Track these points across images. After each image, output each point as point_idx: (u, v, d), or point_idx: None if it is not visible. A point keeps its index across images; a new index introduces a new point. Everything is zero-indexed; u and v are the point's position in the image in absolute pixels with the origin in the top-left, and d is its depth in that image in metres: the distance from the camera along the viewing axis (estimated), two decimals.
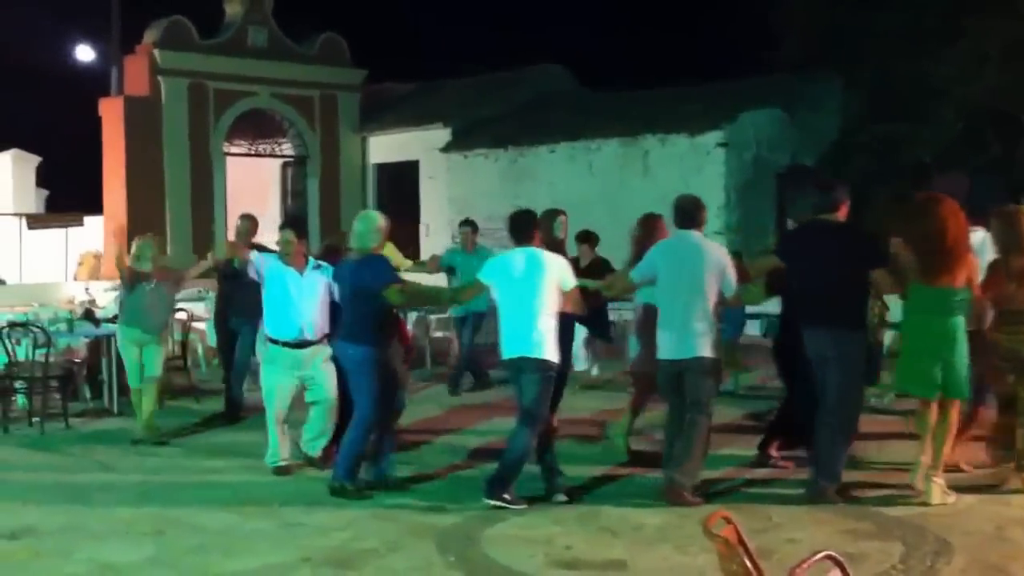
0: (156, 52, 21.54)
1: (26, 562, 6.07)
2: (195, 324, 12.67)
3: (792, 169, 18.40)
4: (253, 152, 24.17)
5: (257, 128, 23.65)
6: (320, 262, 8.11)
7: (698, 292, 6.97)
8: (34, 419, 9.86)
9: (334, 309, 7.90)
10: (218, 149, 22.44)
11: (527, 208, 7.63)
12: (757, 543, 5.02)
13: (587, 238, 10.88)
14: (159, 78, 21.59)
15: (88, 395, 11.19)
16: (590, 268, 9.57)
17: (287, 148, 24.07)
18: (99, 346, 11.14)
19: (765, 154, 18.31)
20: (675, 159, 18.36)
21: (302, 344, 7.86)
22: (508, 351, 7.01)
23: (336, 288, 7.72)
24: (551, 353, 6.91)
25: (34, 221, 23.35)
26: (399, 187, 23.46)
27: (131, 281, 9.31)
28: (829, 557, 3.57)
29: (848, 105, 19.14)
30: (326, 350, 7.87)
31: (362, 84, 24.21)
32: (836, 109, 19.33)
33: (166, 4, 22.57)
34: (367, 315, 7.24)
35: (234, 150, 23.46)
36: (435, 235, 22.15)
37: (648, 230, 8.16)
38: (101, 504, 7.25)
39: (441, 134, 22.24)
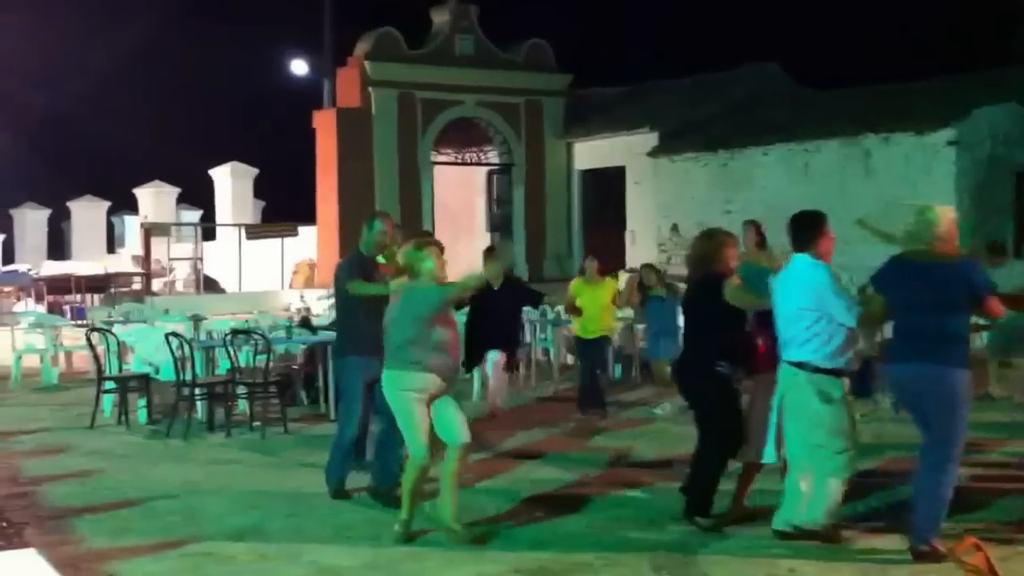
0: (367, 64, 21.97)
1: (253, 564, 6.14)
2: None
3: None
4: (459, 160, 24.35)
5: (463, 136, 23.83)
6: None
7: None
8: (255, 423, 10.00)
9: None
10: (426, 158, 22.69)
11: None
12: (1004, 571, 4.89)
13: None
14: (370, 89, 22.02)
15: (305, 400, 11.37)
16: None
17: (493, 156, 24.14)
18: (315, 353, 11.23)
19: (1001, 152, 17.09)
20: (900, 159, 17.35)
21: None
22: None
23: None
24: None
25: (252, 231, 24.15)
26: (605, 193, 23.16)
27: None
28: None
29: None
30: None
31: (567, 89, 24.05)
32: None
33: (376, 16, 23.04)
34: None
35: (441, 159, 23.69)
36: (641, 243, 21.70)
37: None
38: (320, 508, 7.28)
39: (648, 138, 21.79)
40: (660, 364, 10.75)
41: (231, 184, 28.18)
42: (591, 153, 23.51)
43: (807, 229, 6.23)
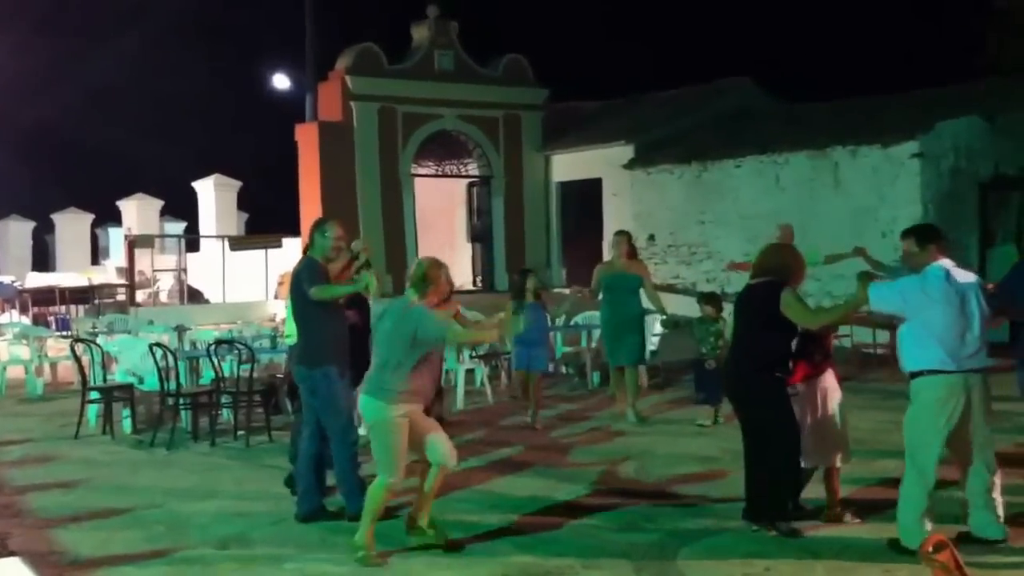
0: (348, 78, 22.26)
1: (238, 571, 6.22)
2: None
3: (996, 179, 17.48)
4: (440, 173, 24.65)
5: (444, 149, 24.11)
6: None
7: None
8: (239, 432, 10.13)
9: None
10: (407, 171, 22.99)
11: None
12: (972, 567, 4.87)
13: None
14: (351, 103, 22.30)
15: (289, 409, 11.39)
16: None
17: (472, 168, 24.45)
18: None
19: (965, 164, 17.46)
20: (868, 171, 17.71)
21: None
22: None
23: None
24: None
25: (235, 243, 24.37)
26: (582, 205, 23.48)
27: None
28: None
29: None
30: None
31: (545, 103, 24.39)
32: None
33: (357, 32, 23.39)
34: None
35: (422, 171, 23.98)
36: None
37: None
38: None
39: (625, 151, 22.14)
40: (532, 376, 10.58)
41: (214, 196, 28.40)
42: (569, 165, 23.85)
43: None
